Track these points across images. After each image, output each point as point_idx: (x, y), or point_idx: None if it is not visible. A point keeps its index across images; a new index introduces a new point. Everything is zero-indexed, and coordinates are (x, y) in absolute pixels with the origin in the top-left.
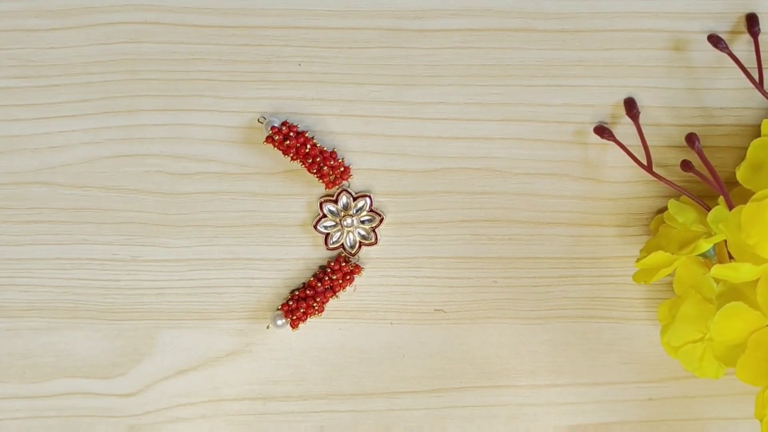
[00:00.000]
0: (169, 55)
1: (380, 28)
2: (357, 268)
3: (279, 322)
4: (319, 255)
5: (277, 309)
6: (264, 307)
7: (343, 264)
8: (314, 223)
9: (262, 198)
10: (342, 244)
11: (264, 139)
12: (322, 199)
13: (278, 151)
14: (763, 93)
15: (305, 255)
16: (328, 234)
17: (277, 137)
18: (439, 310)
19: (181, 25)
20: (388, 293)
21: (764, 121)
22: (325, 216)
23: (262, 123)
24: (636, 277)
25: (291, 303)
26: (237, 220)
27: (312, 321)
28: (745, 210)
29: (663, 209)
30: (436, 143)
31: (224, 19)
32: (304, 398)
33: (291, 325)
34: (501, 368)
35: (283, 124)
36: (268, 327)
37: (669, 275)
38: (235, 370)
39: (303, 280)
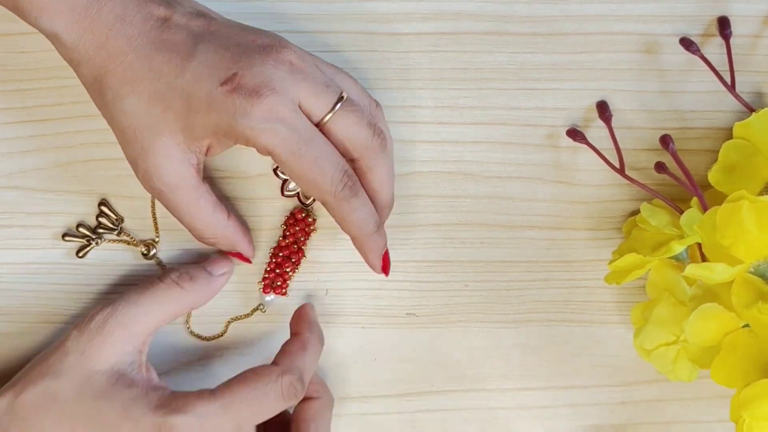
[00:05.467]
0: None
1: (352, 31)
2: (309, 219)
3: (268, 299)
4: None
5: (259, 288)
6: (235, 311)
7: (296, 220)
8: (273, 167)
9: (239, 203)
10: (298, 193)
11: None
12: None
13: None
14: (735, 96)
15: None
16: (285, 180)
17: None
18: (410, 313)
19: None
20: (359, 297)
21: (736, 124)
22: None
23: None
24: (608, 279)
25: (267, 276)
26: None
27: (284, 324)
28: (721, 211)
29: (635, 212)
30: (408, 146)
31: None
32: None
33: (282, 294)
34: (473, 372)
35: None
36: (263, 310)
37: (641, 278)
38: (207, 373)
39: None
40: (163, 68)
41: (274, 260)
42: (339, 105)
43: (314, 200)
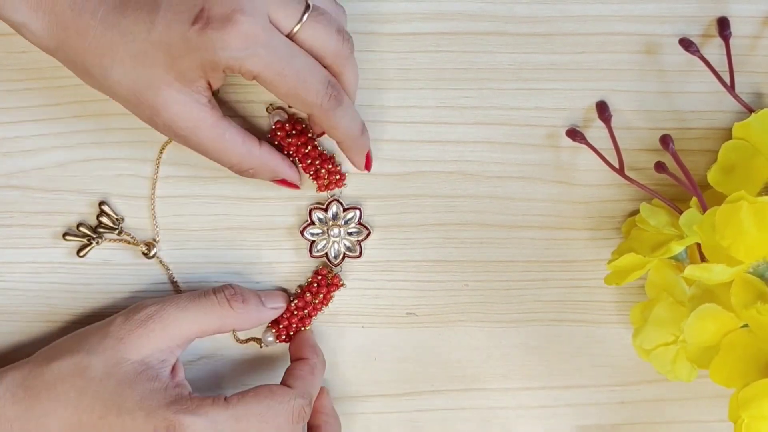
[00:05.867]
0: None
1: (352, 32)
2: (336, 279)
3: (270, 338)
4: (299, 260)
5: (271, 331)
6: None
7: (322, 277)
8: (301, 229)
9: (233, 201)
10: (326, 254)
11: (269, 132)
12: (312, 206)
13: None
14: (735, 96)
15: (287, 258)
16: (313, 242)
17: (280, 132)
18: (410, 313)
19: None
20: (360, 297)
21: (735, 124)
22: (313, 223)
23: (269, 113)
24: (608, 280)
25: (284, 326)
26: (209, 223)
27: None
28: (720, 211)
29: (635, 212)
30: (408, 147)
31: None
32: None
33: (284, 341)
34: (473, 372)
35: (290, 118)
36: (261, 346)
37: (641, 278)
38: (204, 373)
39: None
40: (133, 28)
41: (295, 313)
42: (306, 15)
43: (342, 261)
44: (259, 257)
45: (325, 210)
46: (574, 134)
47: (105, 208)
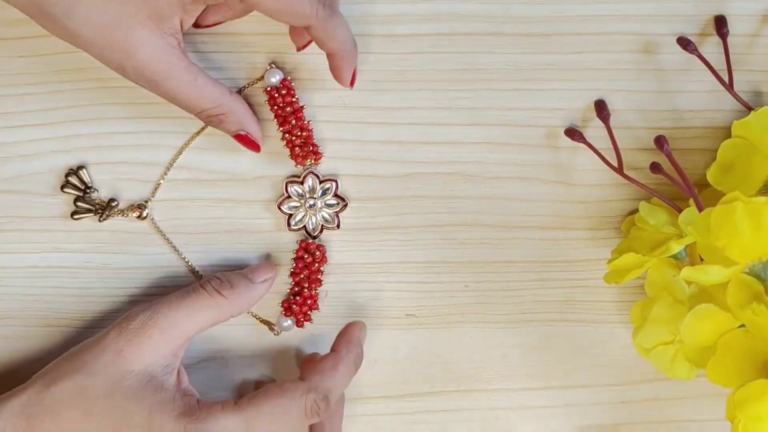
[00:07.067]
0: None
1: None
2: (321, 249)
3: (286, 324)
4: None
5: (281, 312)
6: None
7: (308, 246)
8: (278, 203)
9: (231, 204)
10: (304, 226)
11: (266, 88)
12: (288, 180)
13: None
14: (733, 95)
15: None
16: (291, 215)
17: (277, 95)
18: (410, 314)
19: None
20: (359, 298)
21: (734, 122)
22: (289, 197)
23: (270, 68)
24: (607, 278)
25: (292, 304)
26: (207, 226)
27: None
28: (715, 212)
29: (634, 211)
30: (407, 148)
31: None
32: None
33: (296, 325)
34: (473, 372)
35: (284, 81)
36: (277, 333)
37: (640, 277)
38: (208, 376)
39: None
40: None
41: (294, 282)
42: None
43: (321, 233)
44: (259, 259)
45: (302, 183)
46: (573, 133)
47: (81, 172)
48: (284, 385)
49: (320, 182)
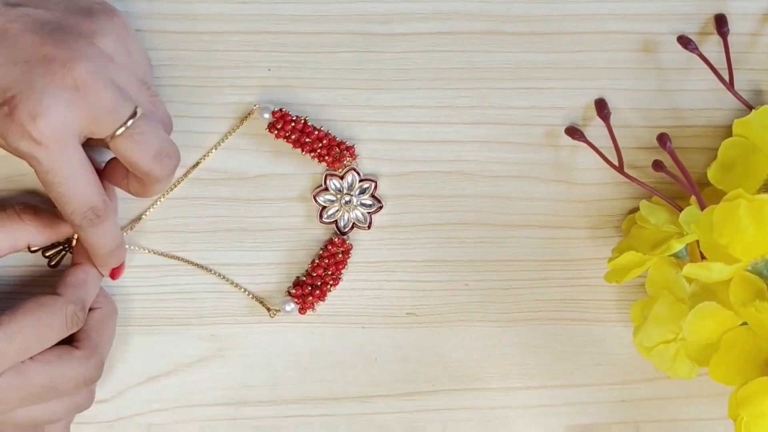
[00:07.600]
0: None
1: (349, 32)
2: (349, 249)
3: (288, 307)
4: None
5: (287, 293)
6: (236, 312)
7: (336, 244)
8: (314, 193)
9: (232, 203)
10: (336, 221)
11: (266, 127)
12: (328, 173)
13: (251, 151)
14: (734, 93)
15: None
16: (324, 207)
17: (279, 125)
18: (410, 313)
19: (152, 31)
20: (359, 297)
21: (735, 121)
22: (326, 189)
23: (255, 108)
24: (608, 277)
25: (301, 288)
26: (208, 225)
27: (284, 325)
28: (718, 210)
29: (634, 210)
30: (407, 147)
31: (194, 25)
32: (276, 403)
33: (299, 311)
34: (473, 371)
35: (277, 112)
36: (272, 315)
37: (641, 276)
38: (208, 375)
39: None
40: None
41: (315, 274)
42: (123, 129)
43: (351, 231)
44: (259, 258)
45: (341, 178)
46: (573, 132)
47: None
48: (42, 300)
49: (360, 180)
